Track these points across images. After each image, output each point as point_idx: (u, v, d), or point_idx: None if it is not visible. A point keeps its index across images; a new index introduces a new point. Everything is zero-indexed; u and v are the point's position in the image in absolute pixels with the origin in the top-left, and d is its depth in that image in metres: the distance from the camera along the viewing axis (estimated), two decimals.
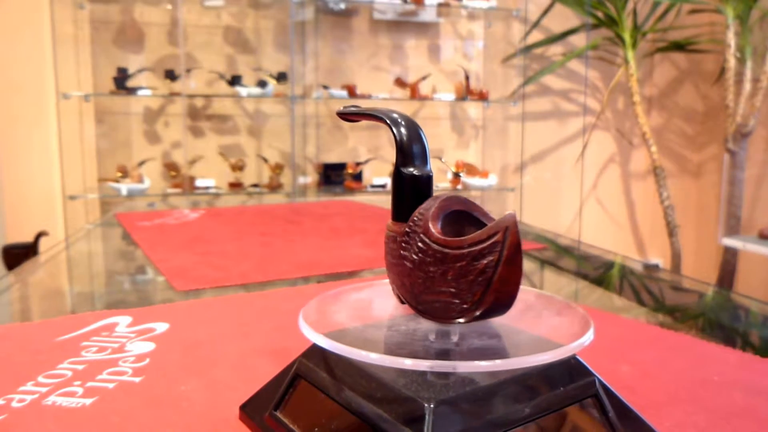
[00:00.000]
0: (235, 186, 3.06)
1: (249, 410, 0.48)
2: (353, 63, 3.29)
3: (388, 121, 0.44)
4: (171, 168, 3.00)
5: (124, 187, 2.82)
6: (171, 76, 2.94)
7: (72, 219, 2.86)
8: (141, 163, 2.92)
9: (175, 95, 2.98)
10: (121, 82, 2.86)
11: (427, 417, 0.36)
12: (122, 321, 0.74)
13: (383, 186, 3.18)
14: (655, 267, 3.69)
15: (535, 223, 3.24)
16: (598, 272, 1.18)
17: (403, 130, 0.44)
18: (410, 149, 0.44)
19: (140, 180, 2.87)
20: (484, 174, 3.28)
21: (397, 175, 0.44)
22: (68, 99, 2.83)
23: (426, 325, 0.44)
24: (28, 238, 2.70)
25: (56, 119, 2.84)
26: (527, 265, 1.18)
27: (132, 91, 2.89)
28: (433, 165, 3.35)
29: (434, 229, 0.40)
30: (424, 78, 3.23)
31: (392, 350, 0.41)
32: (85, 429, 0.48)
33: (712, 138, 3.73)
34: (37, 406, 0.51)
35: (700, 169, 3.80)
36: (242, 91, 3.00)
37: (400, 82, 3.20)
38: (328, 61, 3.26)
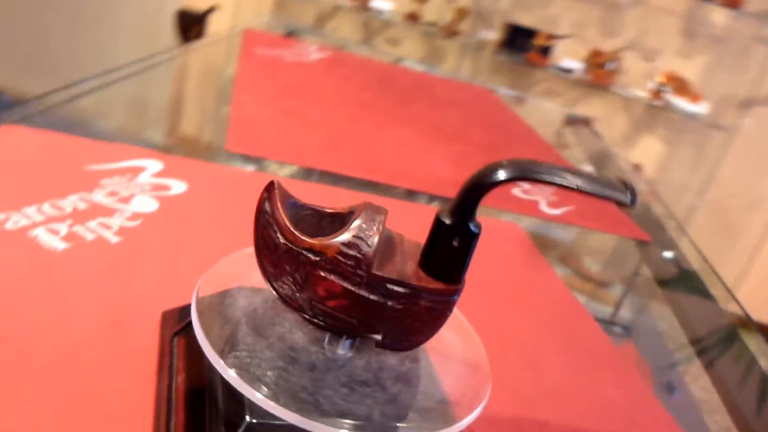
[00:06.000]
0: (412, 18, 3.12)
1: (165, 320, 0.52)
2: None
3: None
4: None
5: None
6: None
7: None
8: None
9: None
10: None
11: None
12: (151, 167, 0.84)
13: (570, 71, 3.15)
14: None
15: (742, 186, 3.02)
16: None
17: None
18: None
19: None
20: (696, 97, 3.11)
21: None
22: None
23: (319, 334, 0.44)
24: (203, 5, 2.95)
25: None
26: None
27: None
28: (632, 65, 3.21)
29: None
30: None
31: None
32: (33, 274, 0.56)
33: None
34: (21, 235, 0.61)
35: None
36: None
37: None
38: None
